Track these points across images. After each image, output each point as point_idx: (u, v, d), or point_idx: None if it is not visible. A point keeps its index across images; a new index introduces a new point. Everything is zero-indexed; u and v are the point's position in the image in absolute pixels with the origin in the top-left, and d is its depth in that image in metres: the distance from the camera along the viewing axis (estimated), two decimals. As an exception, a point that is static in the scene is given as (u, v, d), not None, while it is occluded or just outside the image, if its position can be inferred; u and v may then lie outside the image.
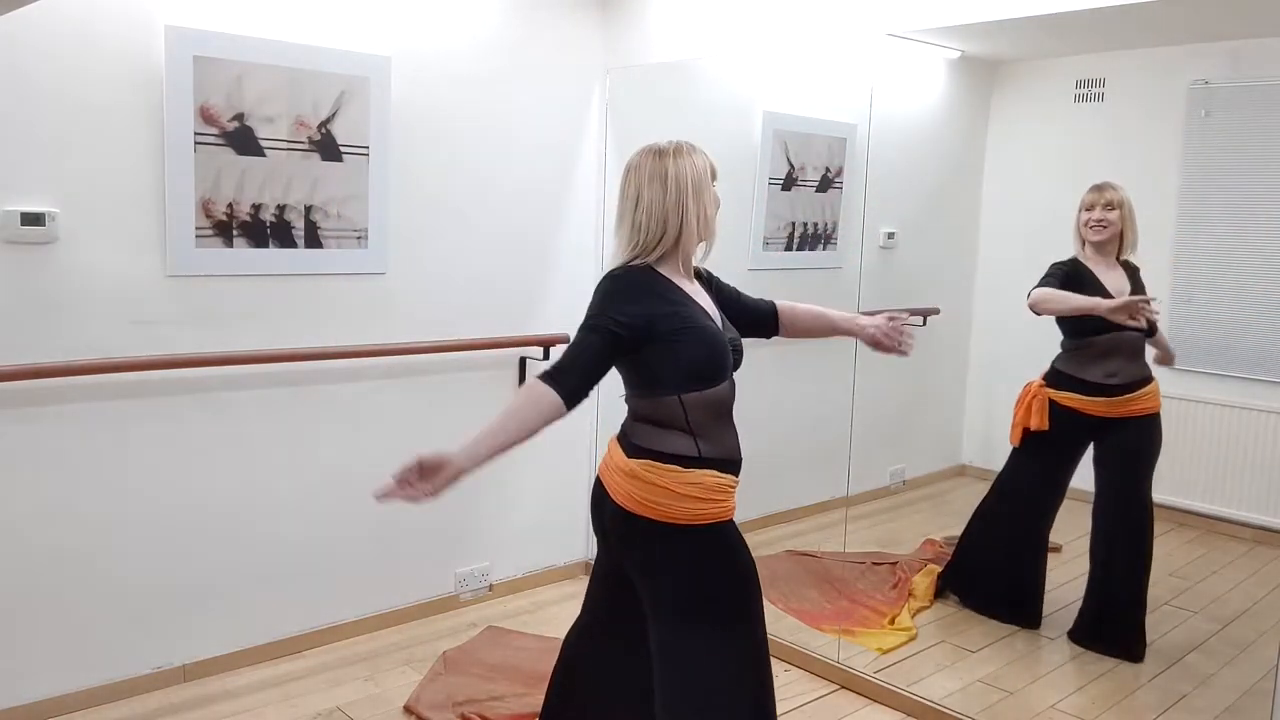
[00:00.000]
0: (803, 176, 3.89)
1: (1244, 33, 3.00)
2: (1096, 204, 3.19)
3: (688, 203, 1.97)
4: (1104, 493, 3.22)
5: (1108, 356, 3.17)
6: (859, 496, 3.69)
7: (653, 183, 1.97)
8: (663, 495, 1.92)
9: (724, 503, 1.97)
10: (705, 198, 2.01)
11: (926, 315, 3.99)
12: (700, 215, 2.00)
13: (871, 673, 3.08)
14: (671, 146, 2.02)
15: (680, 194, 1.97)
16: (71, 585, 2.79)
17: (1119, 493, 3.20)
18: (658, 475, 1.92)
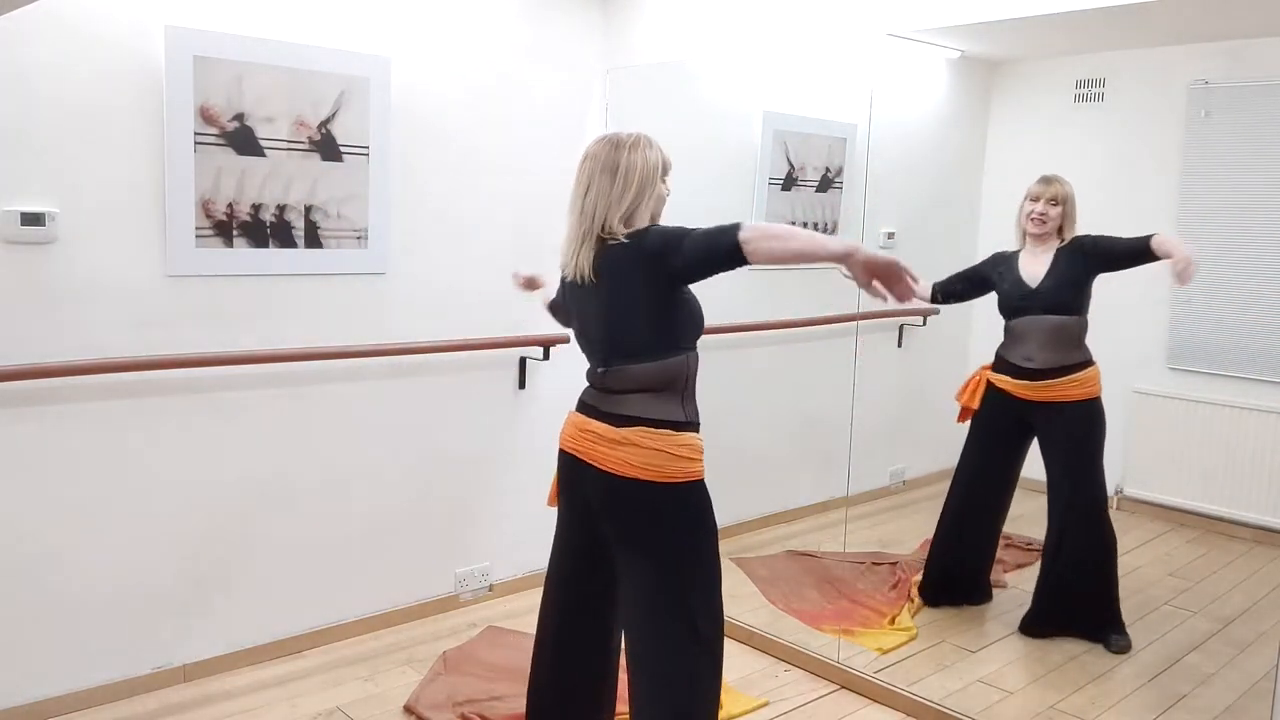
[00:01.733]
0: (803, 176, 3.89)
1: (1244, 33, 3.00)
2: (1041, 196, 3.21)
3: (631, 195, 2.11)
4: (1051, 482, 3.26)
5: (1021, 340, 3.24)
6: (859, 496, 3.69)
7: (604, 173, 2.14)
8: (659, 458, 2.08)
9: (702, 461, 2.16)
10: (651, 192, 2.14)
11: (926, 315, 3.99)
12: (644, 207, 2.14)
13: (871, 673, 3.08)
14: (629, 139, 2.16)
15: (626, 186, 2.11)
16: (71, 585, 2.79)
17: (1062, 480, 3.22)
18: (654, 439, 2.09)
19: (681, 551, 2.11)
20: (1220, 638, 3.10)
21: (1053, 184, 3.19)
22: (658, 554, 2.11)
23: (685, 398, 2.16)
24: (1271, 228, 3.07)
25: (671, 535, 2.11)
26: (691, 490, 2.12)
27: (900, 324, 3.99)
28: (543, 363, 3.65)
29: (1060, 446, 3.22)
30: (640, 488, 2.08)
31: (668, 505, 2.10)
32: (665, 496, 2.09)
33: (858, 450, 3.26)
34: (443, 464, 3.52)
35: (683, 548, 2.11)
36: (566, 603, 2.33)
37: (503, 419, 3.67)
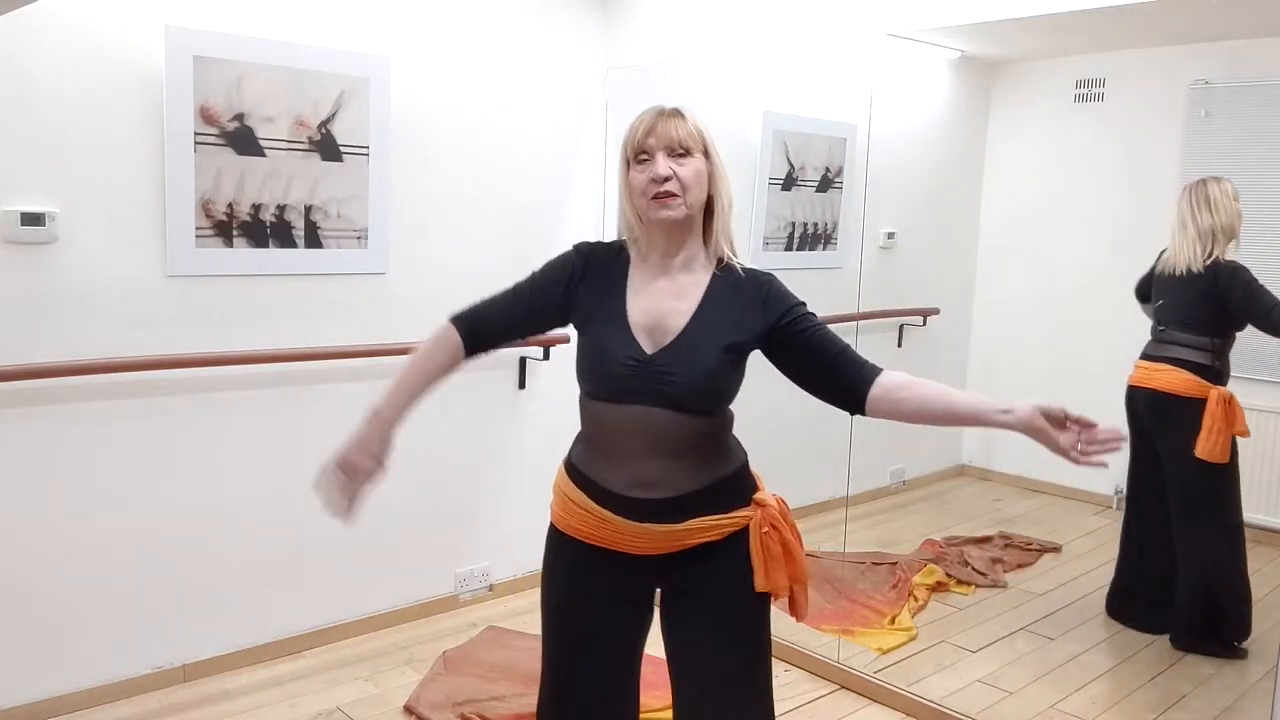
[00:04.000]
0: (803, 176, 3.89)
1: (1244, 33, 2.99)
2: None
3: (619, 184, 1.82)
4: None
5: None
6: (859, 496, 3.69)
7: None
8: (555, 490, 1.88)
9: (557, 506, 1.85)
10: (620, 179, 1.80)
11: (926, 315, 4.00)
12: (625, 201, 1.80)
13: (871, 673, 3.08)
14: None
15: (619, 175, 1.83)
16: (71, 585, 2.79)
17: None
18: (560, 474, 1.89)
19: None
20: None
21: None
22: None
23: (583, 439, 1.86)
24: (1271, 227, 3.07)
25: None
26: (550, 527, 1.90)
27: (900, 324, 3.99)
28: (543, 363, 3.65)
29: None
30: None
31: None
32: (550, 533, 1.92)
33: (858, 450, 3.26)
34: (443, 464, 3.52)
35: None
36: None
37: (503, 419, 3.67)
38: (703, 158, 1.75)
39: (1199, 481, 3.09)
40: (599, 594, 1.82)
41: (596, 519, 1.77)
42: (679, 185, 1.71)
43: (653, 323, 1.74)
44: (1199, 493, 3.11)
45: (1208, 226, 3.02)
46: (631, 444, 1.74)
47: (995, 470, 4.05)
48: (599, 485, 1.77)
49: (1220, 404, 2.97)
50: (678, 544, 1.76)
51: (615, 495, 1.75)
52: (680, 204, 1.72)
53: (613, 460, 1.76)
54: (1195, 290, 3.05)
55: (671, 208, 1.71)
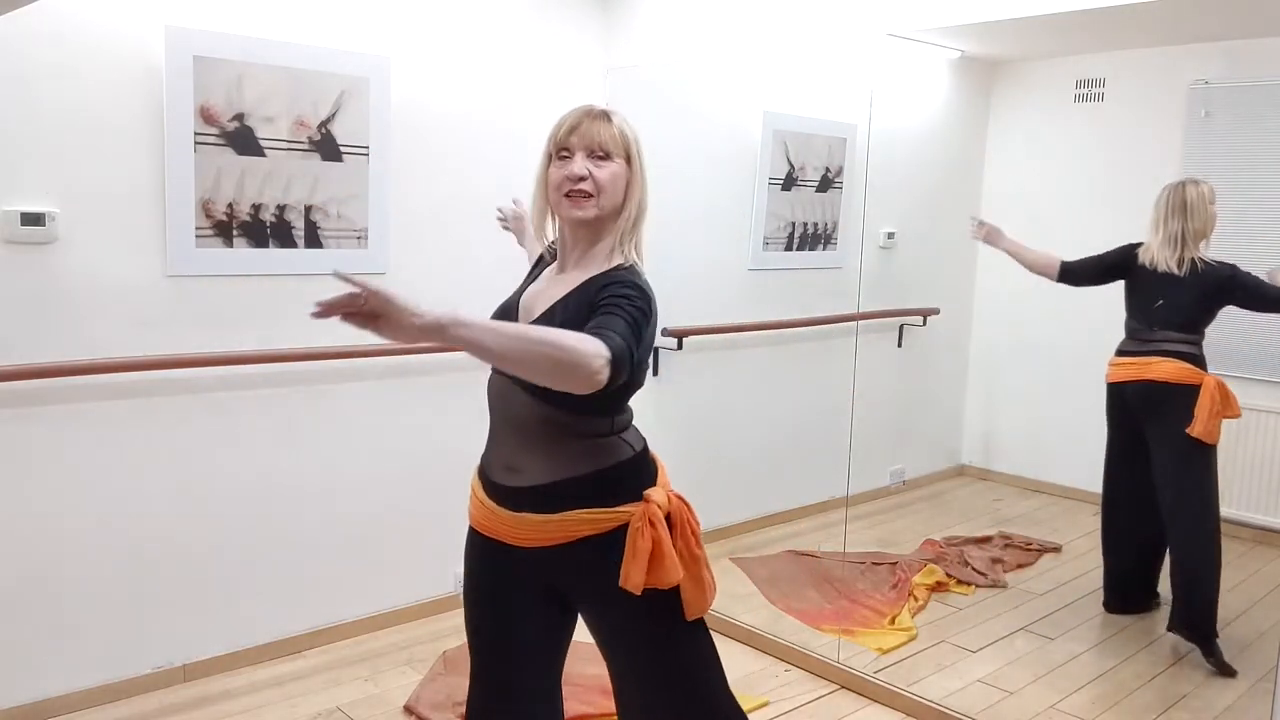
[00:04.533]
0: (803, 176, 3.89)
1: (1244, 33, 3.00)
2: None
3: (537, 174, 1.82)
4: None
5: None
6: (859, 496, 3.69)
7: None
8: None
9: (482, 520, 1.83)
10: (539, 169, 1.81)
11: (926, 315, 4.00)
12: (539, 192, 1.81)
13: (871, 673, 3.08)
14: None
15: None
16: (71, 585, 2.79)
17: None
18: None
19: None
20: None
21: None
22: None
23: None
24: (1271, 227, 3.07)
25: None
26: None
27: (900, 324, 3.99)
28: (543, 363, 3.65)
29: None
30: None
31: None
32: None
33: (858, 450, 3.26)
34: (443, 464, 3.52)
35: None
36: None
37: (503, 419, 3.67)
38: (623, 163, 1.77)
39: (1190, 467, 3.11)
40: (500, 587, 1.84)
41: (486, 509, 1.81)
42: (593, 186, 1.73)
43: (528, 306, 1.82)
44: (1189, 478, 3.13)
45: (1177, 230, 3.08)
46: (497, 422, 1.81)
47: (995, 470, 4.06)
48: (485, 474, 1.83)
49: (1217, 388, 3.04)
50: (558, 536, 1.74)
51: (492, 481, 1.80)
52: (592, 205, 1.74)
53: (491, 442, 1.83)
54: (1193, 292, 3.07)
55: (583, 208, 1.74)
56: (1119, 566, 3.37)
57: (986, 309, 3.96)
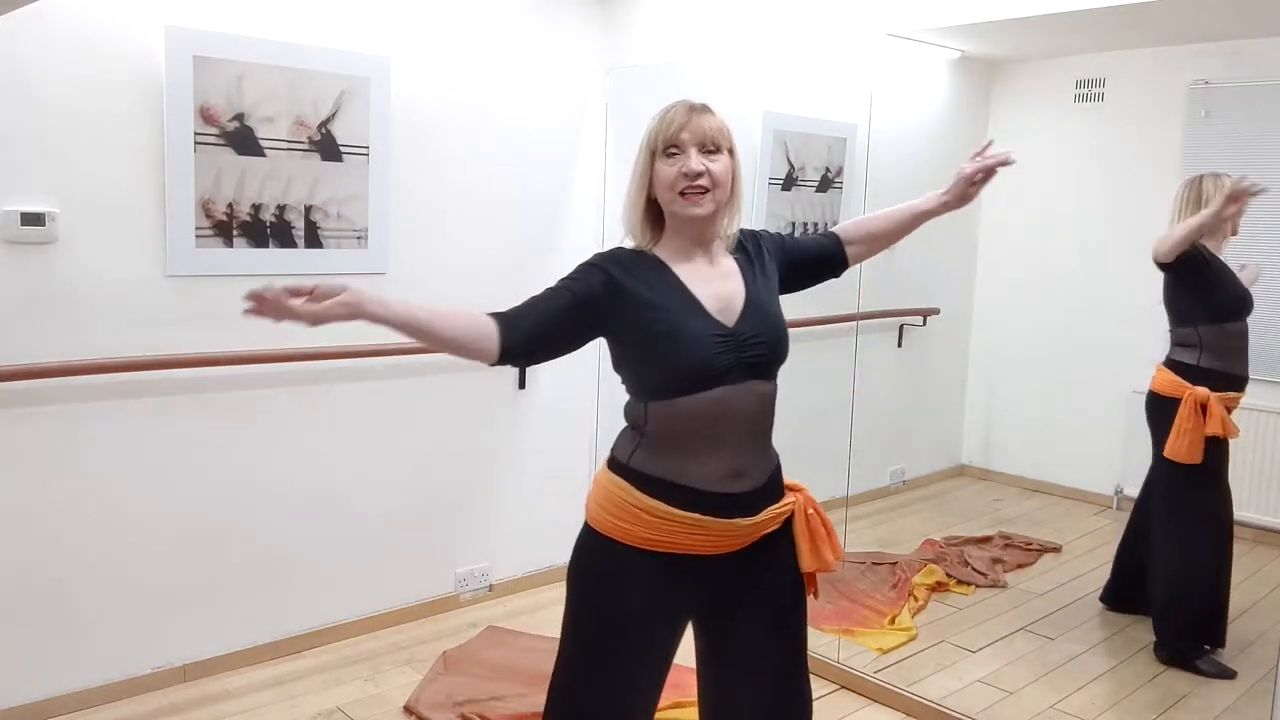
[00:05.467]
0: (803, 176, 3.89)
1: (1244, 33, 3.00)
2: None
3: (635, 173, 1.78)
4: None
5: (1238, 349, 3.04)
6: (859, 496, 3.69)
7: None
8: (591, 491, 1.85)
9: (609, 514, 1.76)
10: (634, 171, 1.77)
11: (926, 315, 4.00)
12: (630, 191, 1.78)
13: (871, 673, 3.08)
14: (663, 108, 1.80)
15: (635, 164, 1.78)
16: (71, 585, 2.79)
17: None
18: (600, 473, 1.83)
19: (566, 594, 1.85)
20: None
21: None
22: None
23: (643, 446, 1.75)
24: (1271, 227, 3.07)
25: (567, 574, 1.86)
26: (586, 535, 1.82)
27: (900, 324, 3.99)
28: (543, 363, 3.65)
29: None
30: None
31: (577, 541, 1.86)
32: (581, 532, 1.85)
33: (858, 450, 3.26)
34: (443, 464, 3.52)
35: (567, 591, 1.85)
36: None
37: (503, 419, 3.67)
38: (728, 154, 1.77)
39: (1172, 482, 3.10)
40: (656, 604, 1.77)
41: (684, 525, 1.70)
42: (710, 181, 1.72)
43: (722, 304, 1.74)
44: (1171, 493, 3.13)
45: None
46: (726, 431, 1.71)
47: (995, 470, 4.06)
48: (688, 488, 1.70)
49: (1190, 404, 2.98)
50: (753, 537, 1.77)
51: (707, 494, 1.70)
52: (709, 200, 1.73)
53: (704, 457, 1.70)
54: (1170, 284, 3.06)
55: (701, 205, 1.73)
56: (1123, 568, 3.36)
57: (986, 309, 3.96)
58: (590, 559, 1.81)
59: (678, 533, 1.71)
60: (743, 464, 1.72)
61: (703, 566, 1.75)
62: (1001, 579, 3.66)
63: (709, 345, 1.68)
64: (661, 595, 1.76)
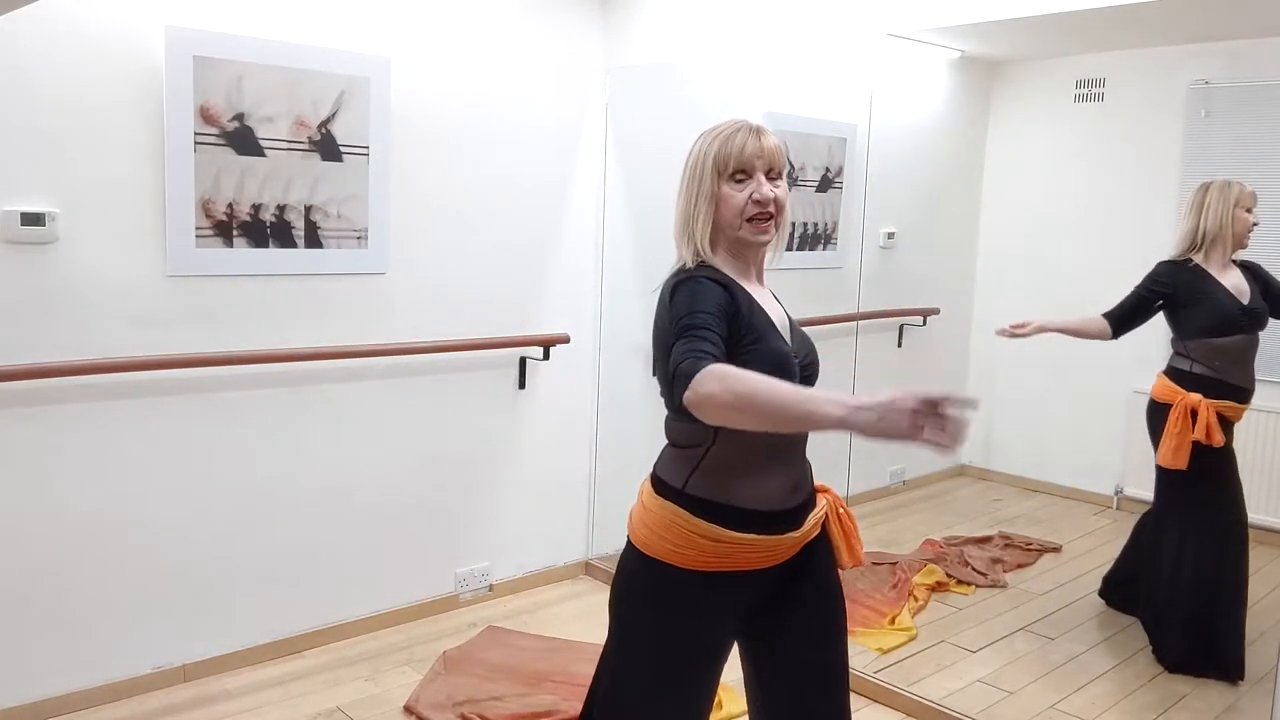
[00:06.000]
0: (803, 176, 3.89)
1: (1244, 33, 3.00)
2: (1254, 207, 2.99)
3: (690, 193, 1.74)
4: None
5: (1240, 360, 3.02)
6: (859, 496, 3.69)
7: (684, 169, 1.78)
8: (640, 517, 1.78)
9: (674, 545, 1.70)
10: (696, 191, 1.73)
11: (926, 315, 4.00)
12: (693, 213, 1.73)
13: (871, 673, 3.08)
14: (719, 126, 1.76)
15: (685, 184, 1.76)
16: (71, 585, 2.79)
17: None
18: (648, 498, 1.77)
19: (615, 620, 1.81)
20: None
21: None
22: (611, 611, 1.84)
23: (700, 470, 1.71)
24: (1271, 227, 3.07)
25: (613, 598, 1.83)
26: (645, 565, 1.74)
27: (900, 324, 3.99)
28: (543, 363, 3.65)
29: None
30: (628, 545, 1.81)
31: (624, 566, 1.81)
32: (629, 557, 1.79)
33: (858, 450, 3.26)
34: (443, 464, 3.52)
35: (616, 616, 1.81)
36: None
37: (503, 419, 3.67)
38: (784, 178, 1.78)
39: (1163, 489, 3.12)
40: (720, 626, 1.78)
41: (738, 546, 1.68)
42: (775, 207, 1.73)
43: (781, 326, 1.78)
44: (1162, 500, 3.13)
45: (1190, 228, 3.03)
46: (786, 450, 1.74)
47: (995, 470, 4.06)
48: (743, 509, 1.69)
49: (1180, 410, 2.98)
50: (798, 547, 1.78)
51: (764, 513, 1.70)
52: (773, 226, 1.75)
53: (764, 474, 1.70)
54: None
55: (768, 233, 1.74)
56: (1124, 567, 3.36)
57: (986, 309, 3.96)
58: (649, 587, 1.76)
59: (736, 554, 1.70)
60: (798, 478, 1.77)
61: (753, 581, 1.76)
62: (1001, 579, 3.66)
63: (793, 367, 1.69)
64: (723, 617, 1.76)
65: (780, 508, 1.72)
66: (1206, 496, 3.04)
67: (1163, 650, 3.10)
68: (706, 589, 1.72)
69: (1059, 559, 3.74)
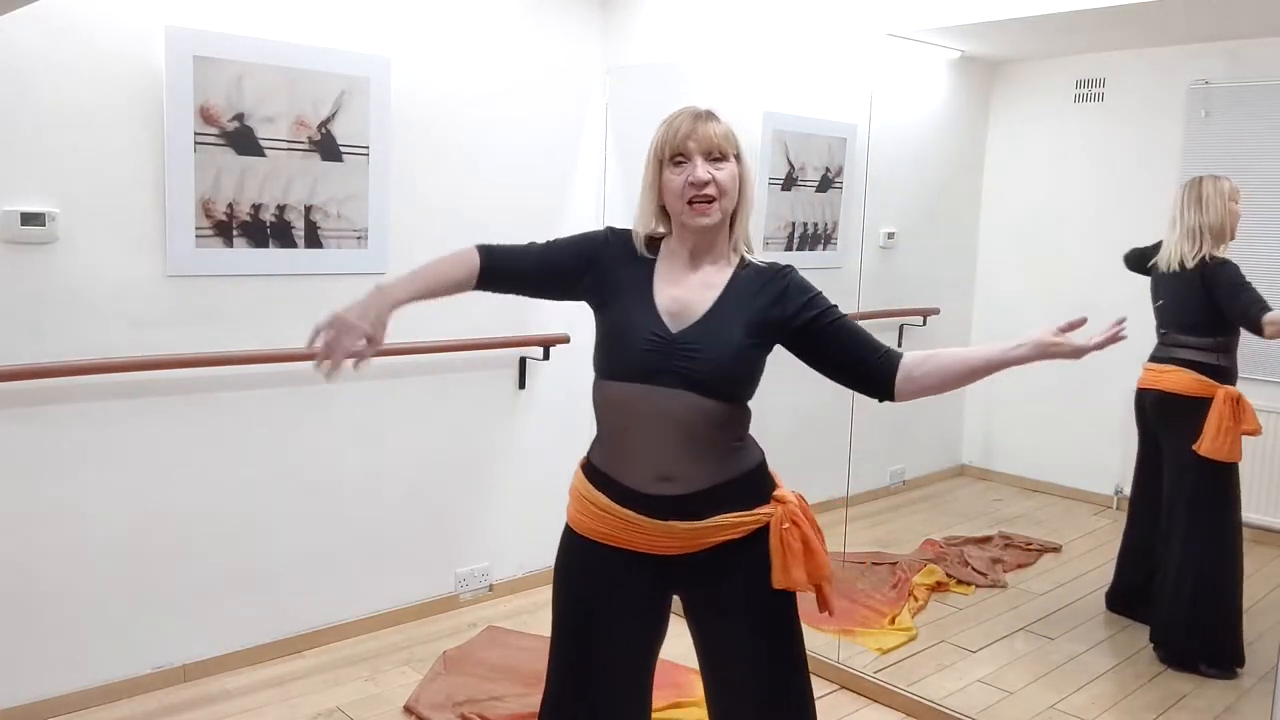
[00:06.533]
0: (803, 176, 3.89)
1: (1244, 33, 2.99)
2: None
3: (645, 182, 1.80)
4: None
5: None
6: (859, 496, 3.69)
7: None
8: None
9: (608, 532, 1.78)
10: (649, 176, 1.78)
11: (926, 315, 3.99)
12: (640, 200, 1.80)
13: (871, 673, 3.08)
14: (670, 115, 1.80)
15: (644, 172, 1.80)
16: (71, 585, 2.79)
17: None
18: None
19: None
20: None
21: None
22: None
23: (598, 437, 1.86)
24: (1271, 227, 3.07)
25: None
26: (564, 531, 1.89)
27: (900, 324, 3.99)
28: (543, 363, 3.65)
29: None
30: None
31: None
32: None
33: (858, 450, 3.26)
34: (443, 464, 3.52)
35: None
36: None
37: (503, 419, 3.67)
38: (735, 161, 1.76)
39: (1199, 485, 3.09)
40: (615, 598, 1.81)
41: (619, 520, 1.76)
42: (716, 190, 1.72)
43: (679, 308, 1.75)
44: (1198, 497, 3.11)
45: (1194, 225, 3.03)
46: (649, 430, 1.73)
47: (995, 470, 4.05)
48: (620, 484, 1.76)
49: (1228, 402, 2.97)
50: (700, 542, 1.75)
51: (636, 493, 1.74)
52: (716, 209, 1.74)
53: (631, 453, 1.76)
54: (1192, 290, 3.05)
55: (708, 215, 1.74)
56: (1128, 573, 3.35)
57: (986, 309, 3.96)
58: (560, 550, 1.89)
59: (617, 527, 1.76)
60: (667, 468, 1.73)
61: (663, 566, 1.77)
62: (1001, 579, 3.66)
63: (641, 341, 1.72)
64: (615, 589, 1.80)
65: (651, 491, 1.73)
66: (1232, 489, 3.05)
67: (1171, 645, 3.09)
68: (600, 559, 1.79)
69: (1059, 559, 3.74)
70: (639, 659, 1.86)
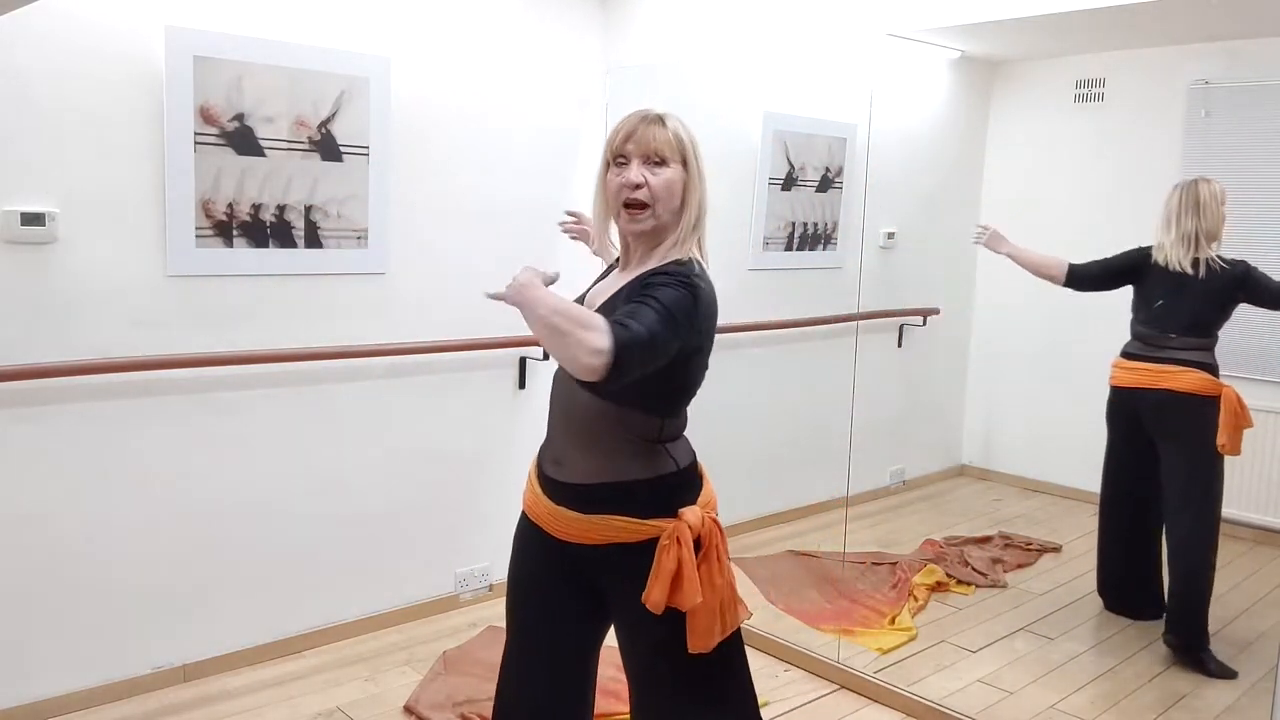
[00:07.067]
0: (803, 176, 3.89)
1: (1244, 33, 2.99)
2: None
3: (597, 183, 1.80)
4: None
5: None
6: (859, 496, 3.69)
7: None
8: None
9: (526, 495, 1.91)
10: (599, 177, 1.79)
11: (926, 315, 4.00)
12: (597, 198, 1.80)
13: (871, 673, 3.08)
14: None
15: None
16: (71, 585, 2.79)
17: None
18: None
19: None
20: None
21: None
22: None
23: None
24: (1271, 227, 3.07)
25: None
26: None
27: (900, 324, 3.99)
28: (543, 363, 3.65)
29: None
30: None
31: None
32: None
33: (858, 450, 3.26)
34: (443, 464, 3.52)
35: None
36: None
37: (503, 419, 3.67)
38: (679, 167, 1.73)
39: (1212, 482, 3.10)
40: (544, 574, 1.88)
41: (533, 494, 1.86)
42: (649, 195, 1.70)
43: (591, 301, 1.79)
44: (1212, 492, 3.12)
45: (1191, 230, 3.04)
46: (554, 414, 1.83)
47: (995, 470, 4.05)
48: (540, 461, 1.88)
49: (1237, 400, 3.02)
50: (589, 536, 1.75)
51: (543, 472, 1.84)
52: (648, 216, 1.72)
53: (549, 434, 1.86)
54: (1205, 291, 3.05)
55: (639, 220, 1.72)
56: (1113, 568, 3.37)
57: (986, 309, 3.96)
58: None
59: (531, 501, 1.87)
60: (559, 452, 1.81)
61: (567, 551, 1.81)
62: (1001, 579, 3.66)
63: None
64: (528, 557, 1.90)
65: (547, 472, 1.83)
66: (1223, 475, 3.11)
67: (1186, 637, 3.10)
68: (530, 527, 1.89)
69: (1059, 559, 3.74)
70: (569, 645, 1.89)
